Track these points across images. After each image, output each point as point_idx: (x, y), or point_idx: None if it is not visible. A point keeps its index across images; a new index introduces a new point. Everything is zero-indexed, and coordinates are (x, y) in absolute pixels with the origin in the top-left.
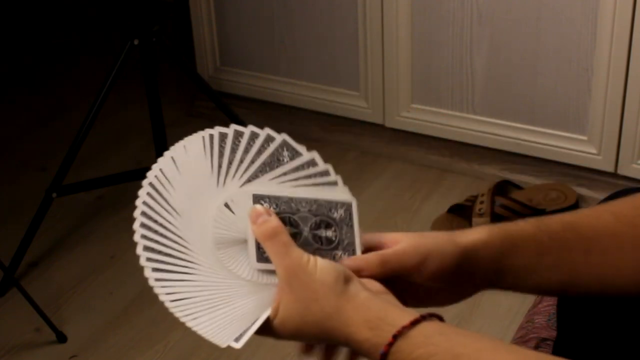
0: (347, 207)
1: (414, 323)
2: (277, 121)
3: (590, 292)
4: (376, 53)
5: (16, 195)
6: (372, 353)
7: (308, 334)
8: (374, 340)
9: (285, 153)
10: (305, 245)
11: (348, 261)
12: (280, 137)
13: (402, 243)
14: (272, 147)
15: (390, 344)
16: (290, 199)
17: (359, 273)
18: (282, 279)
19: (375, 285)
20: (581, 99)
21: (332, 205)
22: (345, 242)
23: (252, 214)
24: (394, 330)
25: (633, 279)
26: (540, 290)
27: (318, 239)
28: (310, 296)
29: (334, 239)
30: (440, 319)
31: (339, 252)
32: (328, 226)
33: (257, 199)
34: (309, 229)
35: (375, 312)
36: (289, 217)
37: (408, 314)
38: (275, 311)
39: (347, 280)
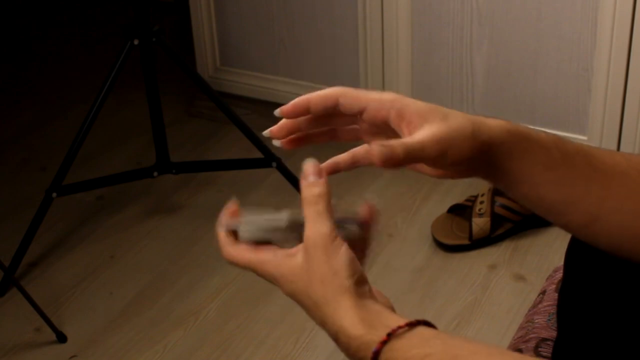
0: None
1: (410, 325)
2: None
3: (578, 227)
4: (376, 53)
5: (16, 195)
6: (362, 351)
7: (301, 303)
8: (367, 338)
9: None
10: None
11: (374, 148)
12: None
13: (423, 132)
14: None
15: (384, 342)
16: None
17: (387, 161)
18: (304, 244)
19: (383, 298)
20: (581, 99)
21: None
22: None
23: (305, 169)
24: (389, 330)
25: (621, 227)
26: (531, 202)
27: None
28: (319, 276)
29: None
30: (434, 327)
31: None
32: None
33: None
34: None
35: (372, 313)
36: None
37: (404, 319)
38: (291, 257)
39: (359, 282)
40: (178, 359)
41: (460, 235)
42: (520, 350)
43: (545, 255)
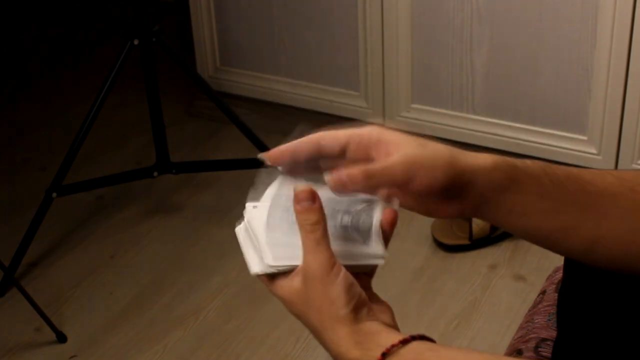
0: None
1: (404, 342)
2: (277, 121)
3: (578, 251)
4: (376, 53)
5: (16, 195)
6: None
7: (304, 324)
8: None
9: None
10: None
11: (330, 177)
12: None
13: (393, 157)
14: None
15: None
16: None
17: (344, 188)
18: (303, 272)
19: (383, 312)
20: (581, 99)
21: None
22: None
23: (296, 193)
24: (383, 349)
25: (620, 247)
26: (527, 234)
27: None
28: (316, 305)
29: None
30: (432, 341)
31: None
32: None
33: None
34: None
35: (368, 335)
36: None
37: (400, 335)
38: (291, 282)
39: (357, 307)
40: (178, 359)
41: (460, 235)
42: (520, 350)
43: (545, 255)
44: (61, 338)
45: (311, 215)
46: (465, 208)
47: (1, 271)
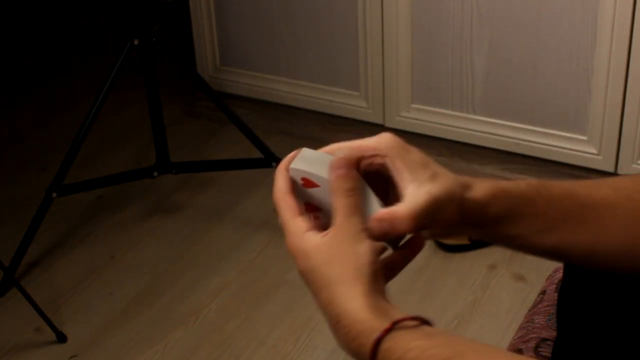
0: None
1: (416, 319)
2: (277, 121)
3: (577, 261)
4: (376, 53)
5: (16, 195)
6: (363, 337)
7: (313, 281)
8: (372, 324)
9: None
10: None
11: (376, 222)
12: None
13: (419, 196)
14: None
15: (388, 330)
16: None
17: (389, 231)
18: (335, 227)
19: None
20: (581, 99)
21: None
22: None
23: (333, 161)
24: (394, 319)
25: (619, 255)
26: (525, 251)
27: None
28: (341, 255)
29: None
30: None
31: None
32: None
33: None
34: None
35: (382, 304)
36: None
37: (410, 315)
38: (316, 235)
39: (378, 276)
40: (178, 359)
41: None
42: (520, 350)
43: None
44: (61, 338)
45: (347, 182)
46: (459, 233)
47: (1, 271)
